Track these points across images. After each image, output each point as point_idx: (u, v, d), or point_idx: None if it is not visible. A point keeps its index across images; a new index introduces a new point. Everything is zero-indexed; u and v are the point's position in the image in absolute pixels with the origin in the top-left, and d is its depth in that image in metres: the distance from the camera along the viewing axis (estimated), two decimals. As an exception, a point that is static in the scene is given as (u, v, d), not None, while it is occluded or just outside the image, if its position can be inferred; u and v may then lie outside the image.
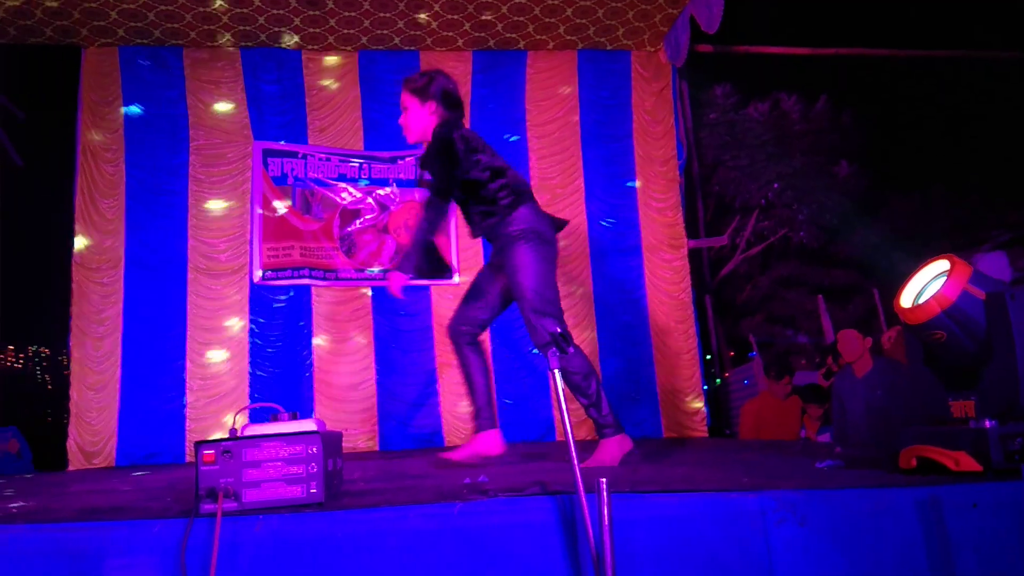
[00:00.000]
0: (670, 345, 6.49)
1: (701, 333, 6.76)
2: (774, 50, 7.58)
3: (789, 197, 13.98)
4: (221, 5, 5.80)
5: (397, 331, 6.39)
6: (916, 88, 13.44)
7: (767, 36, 7.81)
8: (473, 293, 3.38)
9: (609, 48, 6.76)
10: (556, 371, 1.83)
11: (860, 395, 4.53)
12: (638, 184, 6.70)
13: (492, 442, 3.31)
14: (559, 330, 1.83)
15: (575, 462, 1.77)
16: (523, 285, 3.09)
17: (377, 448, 6.12)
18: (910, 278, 2.20)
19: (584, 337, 6.39)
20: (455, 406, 6.28)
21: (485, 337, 3.54)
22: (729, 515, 1.86)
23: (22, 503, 2.28)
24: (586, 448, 3.24)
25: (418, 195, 6.53)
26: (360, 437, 6.09)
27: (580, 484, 1.74)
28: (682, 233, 6.68)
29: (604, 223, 6.63)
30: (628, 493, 1.86)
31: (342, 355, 6.30)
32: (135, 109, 6.25)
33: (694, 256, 6.95)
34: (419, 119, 3.21)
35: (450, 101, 3.21)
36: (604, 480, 1.71)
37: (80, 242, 6.06)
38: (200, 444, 1.81)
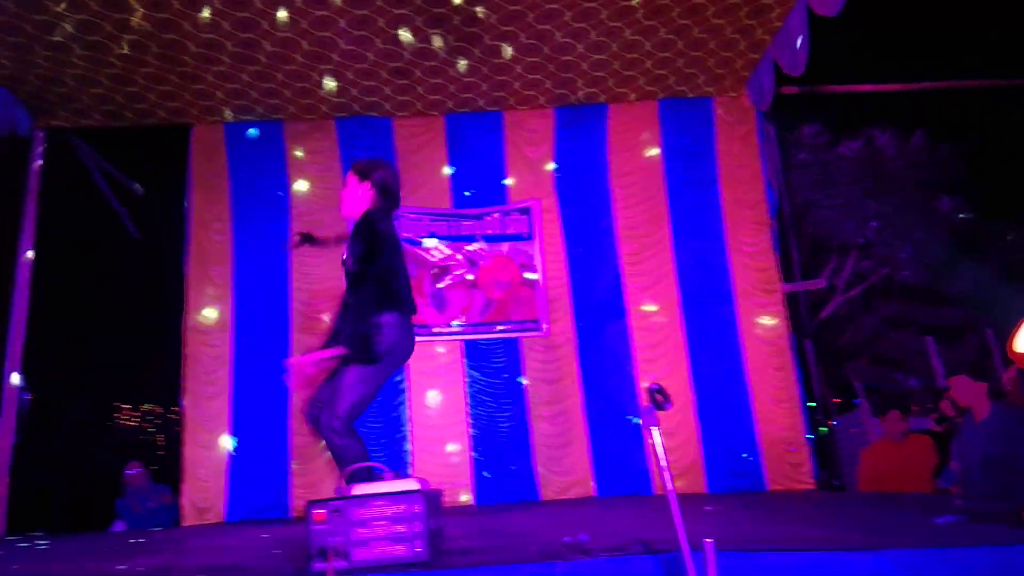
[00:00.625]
0: (770, 393, 6.28)
1: (803, 379, 6.51)
2: (864, 88, 7.40)
3: (889, 235, 13.43)
4: (325, 83, 6.16)
5: (489, 384, 6.45)
6: (1018, 117, 12.80)
7: (855, 73, 7.64)
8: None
9: (690, 96, 6.77)
10: (654, 428, 1.81)
11: (977, 443, 4.25)
12: (727, 229, 6.60)
13: None
14: (657, 386, 1.82)
15: (678, 519, 1.74)
16: (352, 392, 3.10)
17: (473, 502, 6.14)
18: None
19: (678, 387, 6.27)
20: (549, 459, 6.25)
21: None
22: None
23: (148, 560, 2.41)
24: (685, 501, 3.15)
25: (506, 249, 6.64)
26: (456, 491, 6.12)
27: (685, 542, 1.71)
28: (776, 277, 6.51)
29: (693, 270, 6.55)
30: (736, 551, 1.82)
31: (436, 409, 6.39)
32: (244, 195, 6.65)
33: (791, 300, 6.76)
34: (353, 196, 3.44)
35: (386, 192, 3.44)
36: (711, 540, 1.67)
37: (191, 307, 6.43)
38: (312, 504, 1.88)
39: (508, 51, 5.94)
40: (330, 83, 6.24)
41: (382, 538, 1.88)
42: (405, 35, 5.66)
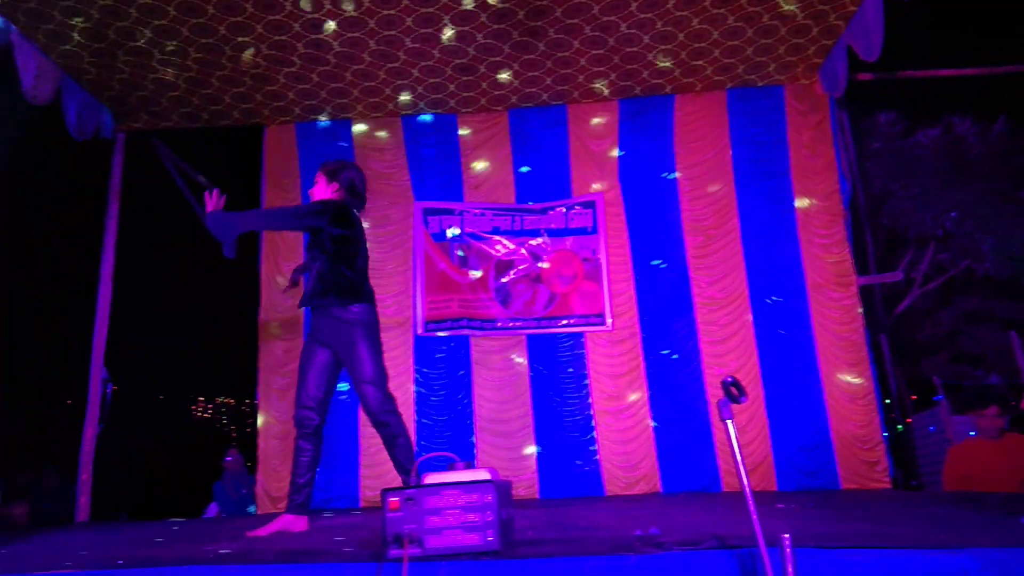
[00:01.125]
0: (844, 389, 6.09)
1: (878, 376, 6.31)
2: (942, 73, 7.09)
3: (970, 226, 12.86)
4: (400, 98, 6.26)
5: (554, 378, 6.45)
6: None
7: (933, 57, 7.33)
8: (307, 372, 3.54)
9: (760, 84, 6.61)
10: (729, 421, 1.78)
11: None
12: (799, 220, 6.43)
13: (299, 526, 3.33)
14: (732, 378, 1.79)
15: (754, 514, 1.71)
16: (366, 364, 3.46)
17: (537, 496, 6.16)
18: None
19: (747, 383, 6.15)
20: (614, 454, 6.22)
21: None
22: (927, 575, 1.72)
23: (228, 545, 2.50)
24: (755, 499, 3.09)
25: (569, 243, 6.63)
26: (520, 485, 6.14)
27: (761, 538, 1.68)
28: (850, 270, 6.31)
29: (762, 263, 6.40)
30: (814, 548, 1.77)
31: (501, 403, 6.43)
32: (311, 179, 6.80)
33: (866, 294, 6.54)
34: (322, 195, 3.71)
35: (353, 191, 3.74)
36: (788, 535, 1.64)
37: (265, 301, 6.62)
38: (387, 491, 1.92)
39: (573, 44, 5.91)
40: (404, 97, 6.40)
41: (455, 527, 1.91)
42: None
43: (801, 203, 6.45)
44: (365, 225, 6.65)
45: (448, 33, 5.70)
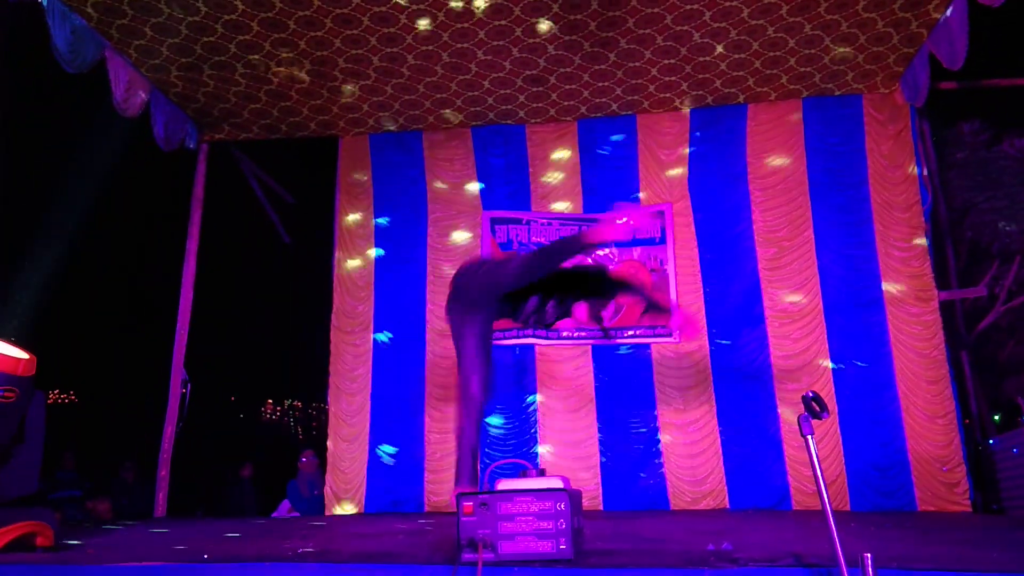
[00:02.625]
0: (923, 408, 5.88)
1: (959, 394, 6.06)
2: (1030, 80, 6.79)
3: (1060, 240, 12.23)
4: (455, 90, 6.36)
5: (619, 389, 6.40)
6: None
7: (1020, 65, 7.00)
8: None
9: (838, 93, 6.46)
10: (810, 437, 1.75)
11: None
12: (876, 232, 6.24)
13: None
14: (813, 393, 1.76)
15: (834, 533, 1.68)
16: None
17: (601, 507, 6.12)
18: None
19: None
20: (680, 467, 6.14)
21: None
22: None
23: (305, 544, 2.57)
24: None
25: (637, 253, 6.59)
26: (584, 495, 6.11)
27: (841, 557, 1.65)
28: (931, 284, 6.09)
29: (838, 276, 6.23)
30: (896, 569, 1.73)
31: (565, 412, 6.42)
32: (385, 202, 6.96)
33: (947, 309, 6.30)
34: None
35: None
36: (869, 555, 1.60)
37: (337, 307, 6.79)
38: (461, 496, 1.95)
39: (645, 54, 5.89)
40: (474, 108, 6.54)
41: (528, 533, 1.93)
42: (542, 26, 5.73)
43: (879, 214, 6.26)
44: (436, 234, 6.83)
45: (519, 45, 5.76)
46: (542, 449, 6.35)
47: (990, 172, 12.49)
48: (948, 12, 5.31)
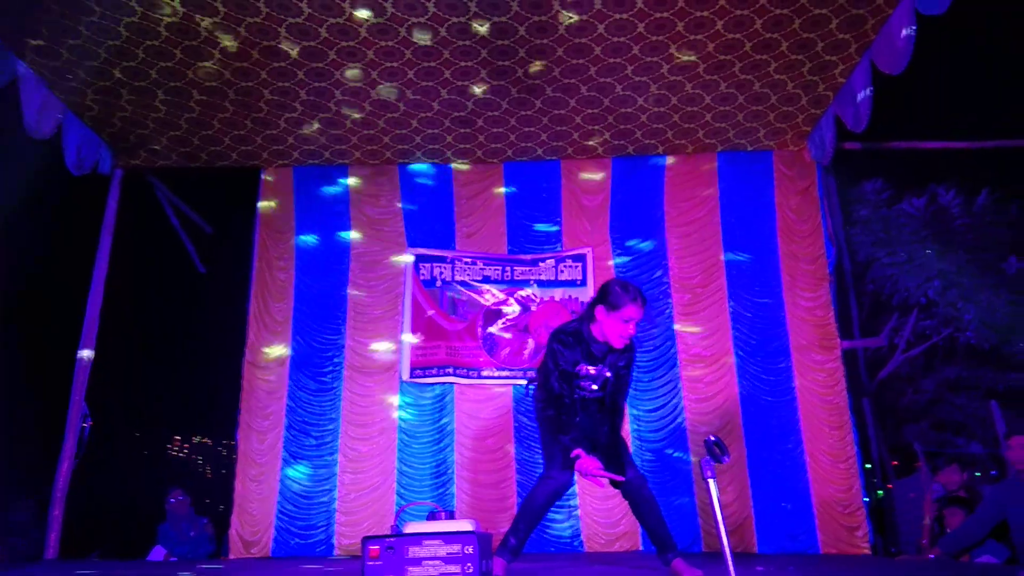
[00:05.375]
0: (826, 452, 6.10)
1: (860, 440, 6.33)
2: (929, 145, 7.30)
3: (953, 295, 13.04)
4: (383, 128, 6.38)
5: (537, 429, 6.40)
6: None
7: (920, 129, 7.53)
8: None
9: (750, 149, 6.79)
10: (712, 480, 1.80)
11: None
12: (784, 283, 6.53)
13: None
14: (715, 437, 1.82)
15: (732, 573, 1.73)
16: None
17: (517, 550, 6.06)
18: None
19: (730, 442, 6.16)
20: (595, 509, 6.17)
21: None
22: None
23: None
24: (735, 560, 3.08)
25: (558, 295, 6.68)
26: (497, 538, 6.05)
27: (739, 600, 1.69)
28: (834, 333, 6.39)
29: (747, 323, 6.47)
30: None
31: (483, 452, 6.38)
32: (307, 235, 6.87)
33: (849, 358, 6.61)
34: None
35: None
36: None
37: (251, 342, 6.61)
38: (367, 539, 1.92)
39: (570, 103, 6.06)
40: (402, 146, 6.54)
41: (434, 578, 1.91)
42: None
43: (787, 266, 6.56)
44: (358, 269, 6.76)
45: (448, 87, 5.85)
46: (458, 490, 6.28)
47: (890, 229, 13.30)
48: (851, 77, 5.67)
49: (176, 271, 8.59)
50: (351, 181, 7.00)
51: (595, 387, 3.53)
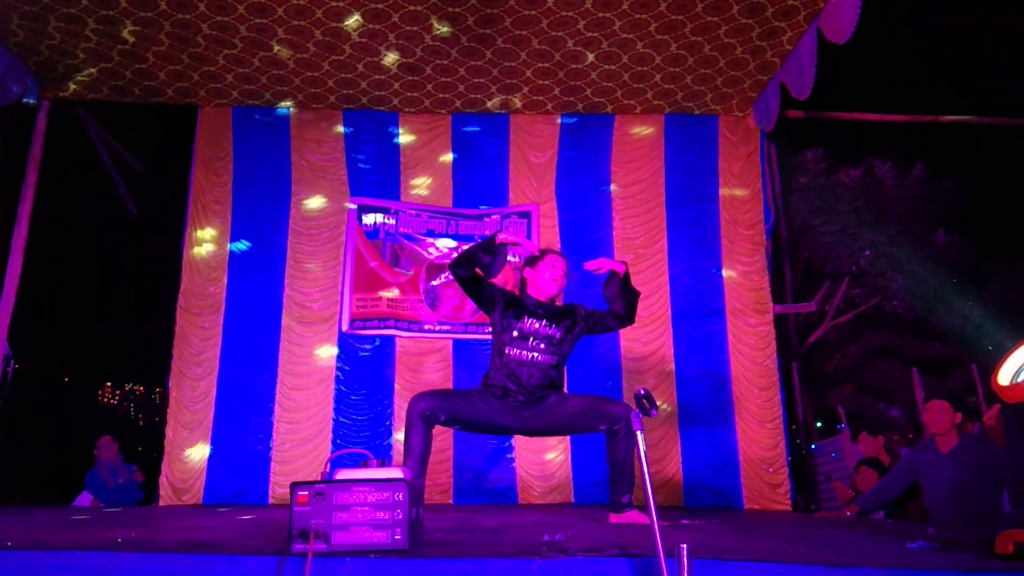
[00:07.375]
0: (754, 413, 6.32)
1: (787, 402, 6.56)
2: (868, 116, 7.47)
3: (883, 265, 13.52)
4: (328, 71, 6.18)
5: (478, 384, 6.44)
6: (1020, 155, 12.90)
7: (861, 101, 7.72)
8: None
9: (697, 112, 6.82)
10: (639, 432, 1.84)
11: (945, 471, 4.30)
12: (723, 247, 6.65)
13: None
14: (644, 391, 1.85)
15: (655, 525, 1.77)
16: None
17: (451, 501, 6.15)
18: (1009, 355, 2.13)
19: (663, 400, 6.31)
20: (530, 462, 6.27)
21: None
22: (815, 591, 1.81)
23: (126, 533, 2.42)
24: (663, 513, 3.18)
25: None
26: (435, 489, 6.12)
27: (660, 548, 1.74)
28: (768, 297, 6.56)
29: (686, 285, 6.59)
30: (710, 560, 1.84)
31: (422, 406, 6.39)
32: (246, 179, 6.66)
33: (781, 322, 6.80)
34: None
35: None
36: (685, 545, 1.70)
37: (185, 287, 6.43)
38: (296, 485, 1.90)
39: (520, 55, 5.97)
40: (347, 91, 6.29)
41: (363, 523, 1.91)
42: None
43: (727, 230, 6.67)
44: (299, 216, 6.60)
45: (396, 32, 5.69)
46: (396, 442, 6.29)
47: (827, 198, 13.65)
48: (799, 45, 5.73)
49: (107, 211, 8.25)
50: (293, 124, 6.79)
51: (543, 346, 3.65)
